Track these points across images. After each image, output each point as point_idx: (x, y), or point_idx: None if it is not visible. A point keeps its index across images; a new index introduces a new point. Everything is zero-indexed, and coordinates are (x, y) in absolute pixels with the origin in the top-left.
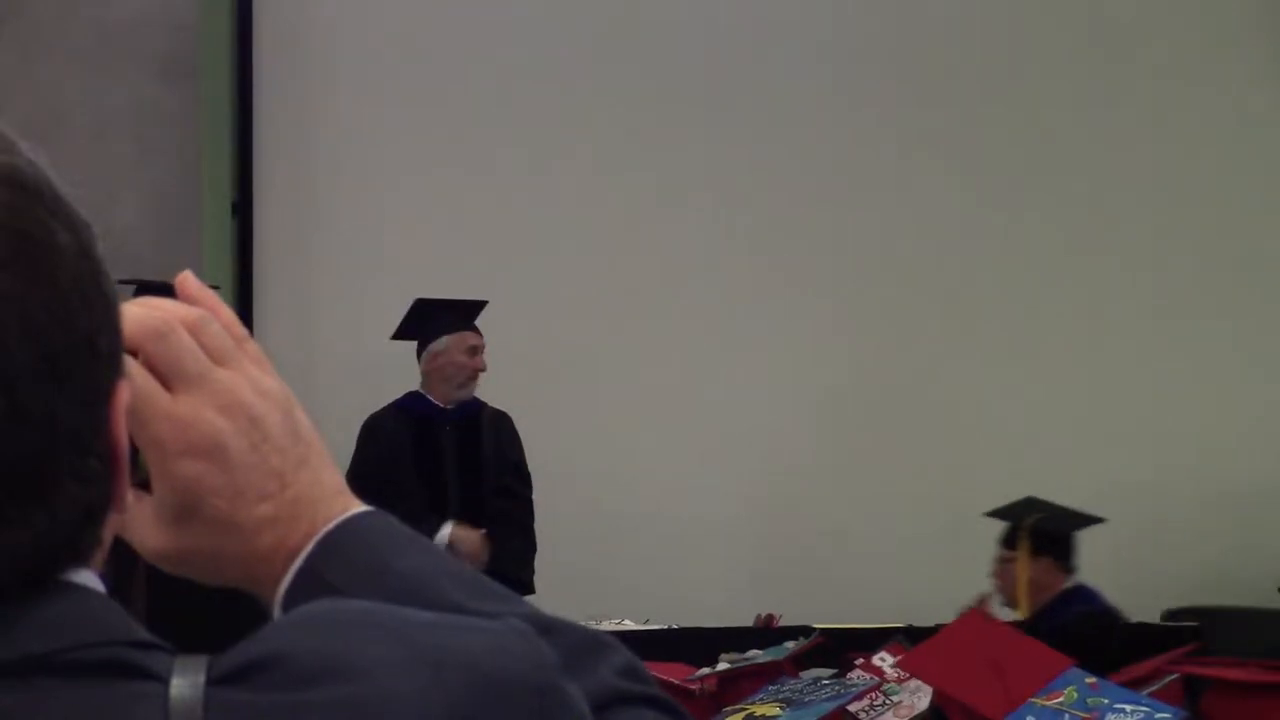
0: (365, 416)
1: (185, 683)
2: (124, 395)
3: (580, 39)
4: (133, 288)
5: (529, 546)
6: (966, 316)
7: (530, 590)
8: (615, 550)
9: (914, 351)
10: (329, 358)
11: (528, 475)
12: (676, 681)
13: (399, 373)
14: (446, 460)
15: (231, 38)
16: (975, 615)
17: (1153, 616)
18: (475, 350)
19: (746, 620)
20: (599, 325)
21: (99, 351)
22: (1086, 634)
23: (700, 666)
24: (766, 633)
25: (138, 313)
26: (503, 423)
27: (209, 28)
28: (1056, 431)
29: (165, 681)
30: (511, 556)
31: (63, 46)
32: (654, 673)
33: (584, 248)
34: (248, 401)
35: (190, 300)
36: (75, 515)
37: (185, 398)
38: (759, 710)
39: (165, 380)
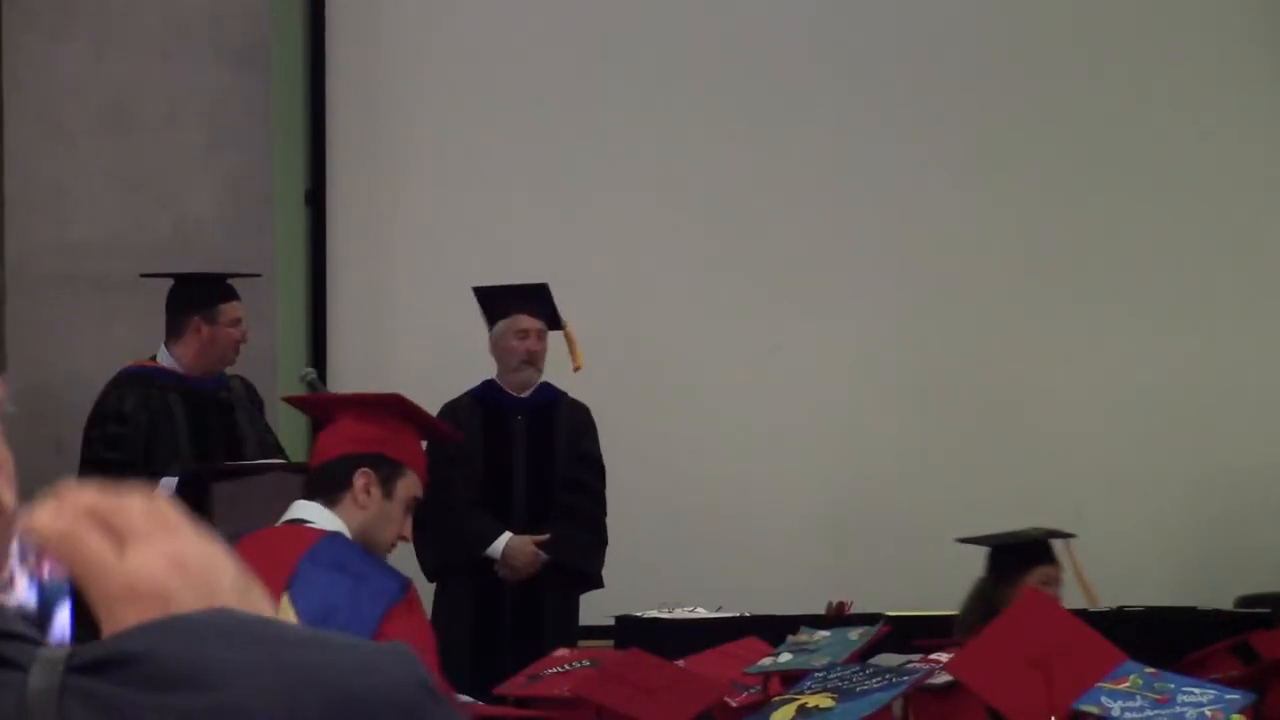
0: (441, 405)
1: (43, 671)
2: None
3: (661, 30)
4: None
5: (598, 540)
6: (1047, 305)
7: (598, 584)
8: (687, 538)
9: (993, 337)
10: (403, 346)
11: (601, 468)
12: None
13: (475, 361)
14: (516, 449)
15: (304, 25)
16: (1032, 600)
17: (1226, 603)
18: (525, 334)
19: (818, 607)
20: (667, 312)
21: None
22: None
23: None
24: (837, 621)
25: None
26: (579, 414)
27: (282, 15)
28: (1135, 420)
29: (26, 670)
30: (577, 550)
31: (135, 36)
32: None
33: (654, 237)
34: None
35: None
36: None
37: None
38: (811, 701)
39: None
